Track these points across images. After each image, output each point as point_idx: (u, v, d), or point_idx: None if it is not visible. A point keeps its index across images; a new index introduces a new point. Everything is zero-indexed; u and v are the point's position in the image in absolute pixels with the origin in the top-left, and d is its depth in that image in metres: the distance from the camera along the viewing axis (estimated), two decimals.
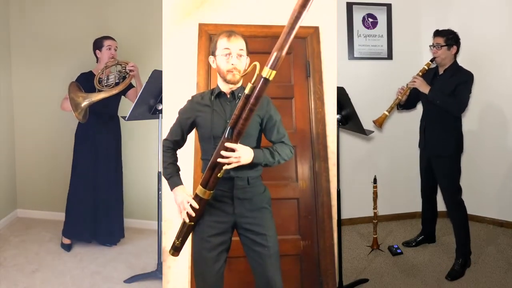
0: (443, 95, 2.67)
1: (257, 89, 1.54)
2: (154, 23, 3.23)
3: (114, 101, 3.07)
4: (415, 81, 2.75)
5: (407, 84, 2.80)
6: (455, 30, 2.77)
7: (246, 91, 1.56)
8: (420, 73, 2.79)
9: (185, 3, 2.78)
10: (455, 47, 2.72)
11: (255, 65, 1.57)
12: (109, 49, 3.04)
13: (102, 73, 2.96)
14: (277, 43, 1.51)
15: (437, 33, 2.76)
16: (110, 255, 3.12)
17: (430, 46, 2.80)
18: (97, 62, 3.11)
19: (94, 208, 3.14)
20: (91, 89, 2.91)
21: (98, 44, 3.07)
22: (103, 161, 3.12)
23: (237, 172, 1.74)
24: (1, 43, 3.63)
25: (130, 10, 3.53)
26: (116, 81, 2.94)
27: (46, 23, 3.66)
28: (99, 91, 2.91)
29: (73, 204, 3.15)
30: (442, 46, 2.71)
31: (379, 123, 2.80)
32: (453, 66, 2.76)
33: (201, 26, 2.80)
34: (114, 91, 2.92)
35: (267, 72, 1.52)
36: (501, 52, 3.44)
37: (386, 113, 2.80)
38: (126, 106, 3.15)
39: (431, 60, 2.80)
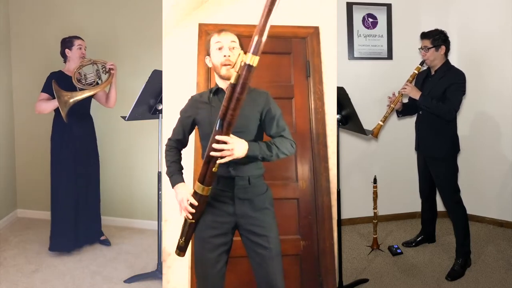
0: (433, 102, 2.65)
1: (242, 77, 1.51)
2: (154, 23, 3.23)
3: (86, 100, 3.05)
4: (405, 88, 2.75)
5: (398, 92, 2.80)
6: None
7: (232, 80, 1.53)
8: (411, 78, 2.79)
9: (185, 3, 2.78)
10: (443, 47, 2.70)
11: (239, 54, 1.53)
12: (80, 48, 3.06)
13: (79, 73, 2.97)
14: (256, 28, 1.47)
15: (423, 36, 2.75)
16: (110, 255, 3.12)
17: (419, 49, 2.79)
18: (64, 61, 3.11)
19: (77, 212, 3.10)
20: (64, 89, 2.89)
21: (68, 44, 3.07)
22: (82, 161, 3.11)
23: (238, 171, 1.73)
24: (1, 43, 3.63)
25: (130, 10, 3.53)
26: (97, 80, 2.98)
27: (46, 22, 3.66)
28: (81, 89, 2.94)
29: (58, 208, 3.08)
30: (429, 48, 2.70)
31: (375, 133, 2.79)
32: (444, 66, 2.74)
33: (201, 26, 2.80)
34: (98, 89, 2.97)
35: (250, 58, 1.48)
36: (500, 52, 3.44)
37: (381, 123, 2.80)
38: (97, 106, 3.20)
39: (421, 64, 2.80)
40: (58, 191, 3.07)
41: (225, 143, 1.58)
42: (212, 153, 1.59)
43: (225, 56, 1.73)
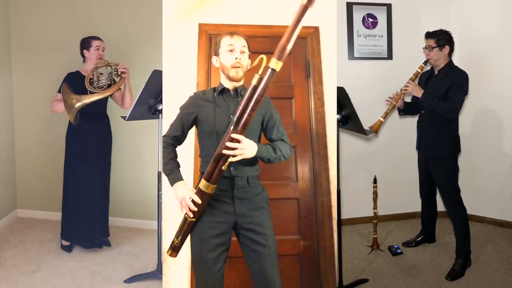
0: (435, 100, 2.65)
1: (265, 79, 1.58)
2: (154, 23, 3.23)
3: (102, 100, 3.02)
4: (407, 86, 2.75)
5: (400, 90, 2.80)
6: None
7: (254, 82, 1.60)
8: (413, 77, 2.80)
9: (185, 3, 2.78)
10: (447, 47, 2.71)
11: (261, 58, 1.61)
12: (98, 49, 3.03)
13: (92, 75, 2.95)
14: (284, 35, 1.56)
15: (428, 35, 2.76)
16: (110, 255, 3.12)
17: (423, 48, 2.80)
18: (83, 61, 3.10)
19: (90, 210, 3.10)
20: (79, 89, 2.88)
21: (86, 44, 3.05)
22: (96, 161, 3.10)
23: (238, 171, 1.76)
24: (1, 43, 3.63)
25: (131, 10, 3.53)
26: (108, 82, 2.94)
27: (47, 23, 3.66)
28: (91, 92, 2.91)
29: (70, 206, 3.10)
30: (433, 47, 2.71)
31: (375, 129, 2.80)
32: (447, 66, 2.75)
33: (201, 26, 2.80)
34: (107, 93, 2.93)
35: (275, 63, 1.56)
36: (500, 52, 3.44)
37: (381, 119, 2.80)
38: (114, 105, 3.18)
39: (424, 63, 2.80)
40: (73, 190, 3.07)
41: (238, 142, 1.63)
42: (225, 151, 1.63)
43: (236, 58, 1.78)
